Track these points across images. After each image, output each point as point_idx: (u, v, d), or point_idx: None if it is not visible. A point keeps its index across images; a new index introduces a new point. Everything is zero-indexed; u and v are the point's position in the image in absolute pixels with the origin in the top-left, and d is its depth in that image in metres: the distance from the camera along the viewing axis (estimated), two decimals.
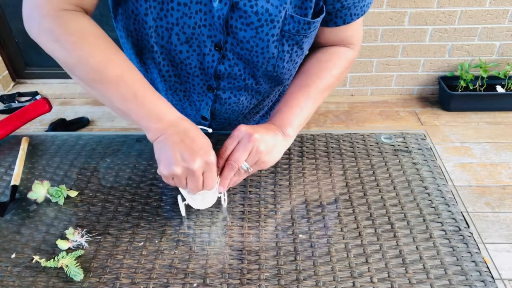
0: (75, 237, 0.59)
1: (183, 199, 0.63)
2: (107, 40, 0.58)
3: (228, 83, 0.72)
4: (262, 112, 0.92)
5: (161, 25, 0.63)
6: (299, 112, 0.68)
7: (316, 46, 0.74)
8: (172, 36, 0.64)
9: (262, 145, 0.60)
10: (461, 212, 0.63)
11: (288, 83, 0.80)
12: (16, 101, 2.64)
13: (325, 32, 0.71)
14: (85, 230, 0.61)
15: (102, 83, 0.56)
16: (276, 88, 0.81)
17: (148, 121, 0.56)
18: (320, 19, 0.65)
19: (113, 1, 0.67)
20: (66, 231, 0.60)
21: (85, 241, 0.59)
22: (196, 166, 0.54)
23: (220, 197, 0.65)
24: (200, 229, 0.62)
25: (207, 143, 0.57)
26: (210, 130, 0.65)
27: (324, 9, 0.64)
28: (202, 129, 0.63)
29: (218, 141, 0.79)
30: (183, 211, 0.63)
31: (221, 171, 0.61)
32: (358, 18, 0.68)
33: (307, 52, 0.74)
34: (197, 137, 0.56)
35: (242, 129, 0.61)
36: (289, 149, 0.77)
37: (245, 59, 0.66)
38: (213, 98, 0.75)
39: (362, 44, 2.42)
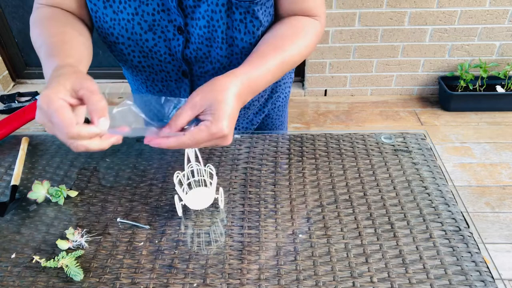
0: (75, 237, 0.59)
1: (180, 200, 0.63)
2: (63, 22, 0.65)
3: (199, 68, 0.72)
4: (254, 109, 0.91)
5: (123, 18, 0.65)
6: (268, 80, 0.63)
7: (279, 19, 0.72)
8: (135, 26, 0.65)
9: (228, 140, 0.56)
10: (461, 212, 0.63)
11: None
12: (16, 101, 2.64)
13: (282, 1, 0.69)
14: (85, 230, 0.61)
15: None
16: None
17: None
18: None
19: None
20: (66, 231, 0.60)
21: (85, 241, 0.59)
22: (75, 150, 0.52)
23: (217, 198, 0.65)
24: (200, 229, 0.62)
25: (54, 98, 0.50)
26: None
27: None
28: None
29: None
30: (179, 211, 0.63)
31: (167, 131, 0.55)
32: None
33: (268, 24, 0.71)
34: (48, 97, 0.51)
35: (224, 129, 0.53)
36: (289, 149, 0.77)
37: (205, 38, 0.67)
38: (189, 84, 0.76)
39: (362, 44, 2.42)
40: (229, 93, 0.54)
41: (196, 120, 0.55)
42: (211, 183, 0.63)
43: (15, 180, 0.70)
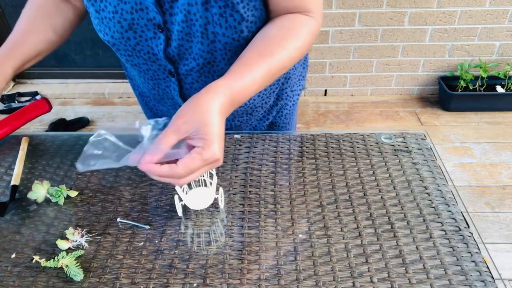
0: (75, 237, 0.59)
1: (180, 200, 0.63)
2: (37, 10, 0.74)
3: (184, 65, 0.71)
4: (257, 115, 0.89)
5: (105, 16, 0.65)
6: (254, 90, 0.60)
7: (272, 16, 0.69)
8: (116, 25, 0.65)
9: (220, 161, 0.55)
10: (461, 212, 0.63)
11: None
12: (16, 101, 2.65)
13: None
14: (85, 230, 0.61)
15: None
16: None
17: None
18: None
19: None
20: (66, 231, 0.60)
21: (85, 241, 0.59)
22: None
23: (217, 198, 0.65)
24: (200, 229, 0.62)
25: None
26: None
27: None
28: None
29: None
30: (180, 211, 0.63)
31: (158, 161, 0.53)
32: None
33: (255, 20, 0.67)
34: None
35: (216, 153, 0.52)
36: (289, 149, 0.77)
37: (185, 33, 0.66)
38: (177, 83, 0.75)
39: (362, 44, 2.42)
40: (213, 112, 0.52)
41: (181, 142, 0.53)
42: (211, 183, 0.63)
43: (15, 180, 0.70)
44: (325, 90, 2.67)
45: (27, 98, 2.70)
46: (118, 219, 0.63)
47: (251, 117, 0.88)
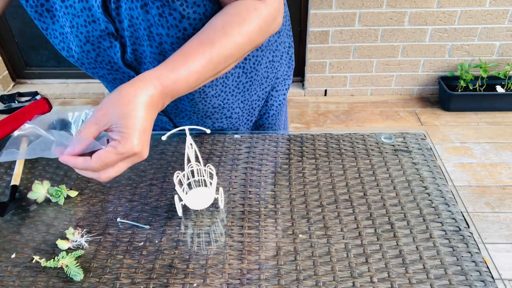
0: (75, 237, 0.59)
1: (180, 200, 0.63)
2: None
3: (144, 70, 0.71)
4: (241, 118, 0.87)
5: (66, 31, 0.65)
6: (193, 81, 0.57)
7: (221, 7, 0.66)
8: (74, 39, 0.65)
9: (143, 155, 0.53)
10: (461, 212, 0.63)
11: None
12: (16, 101, 2.65)
13: None
14: (85, 230, 0.61)
15: None
16: None
17: None
18: None
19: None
20: (66, 231, 0.60)
21: (85, 241, 0.59)
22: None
23: (217, 198, 0.65)
24: (200, 229, 0.62)
25: None
26: (208, 131, 0.62)
27: None
28: (200, 130, 0.63)
29: (217, 141, 0.79)
30: (179, 211, 0.63)
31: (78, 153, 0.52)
32: None
33: (199, 17, 0.64)
34: None
35: (134, 147, 0.50)
36: (289, 149, 0.77)
37: (135, 38, 0.65)
38: None
39: (362, 44, 2.42)
40: (137, 104, 0.50)
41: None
42: (211, 183, 0.63)
43: (15, 180, 0.70)
44: (325, 90, 2.67)
45: (27, 98, 2.70)
46: (118, 219, 0.63)
47: (231, 120, 0.86)
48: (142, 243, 0.59)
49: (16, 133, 0.53)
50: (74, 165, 0.51)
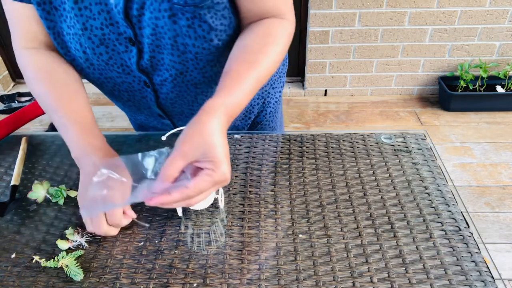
0: (75, 237, 0.59)
1: None
2: (58, 77, 0.68)
3: (158, 76, 0.71)
4: (239, 115, 0.88)
5: (75, 33, 0.64)
6: (246, 100, 0.61)
7: (245, 22, 0.69)
8: (86, 41, 0.65)
9: (229, 179, 0.56)
10: (461, 212, 0.63)
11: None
12: (16, 101, 2.65)
13: (242, 3, 0.65)
14: (85, 230, 0.61)
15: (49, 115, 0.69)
16: (213, 77, 0.76)
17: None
18: None
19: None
20: (66, 231, 0.60)
21: (85, 241, 0.59)
22: (89, 229, 0.60)
23: (217, 198, 0.65)
24: (200, 229, 0.62)
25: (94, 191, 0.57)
26: None
27: None
28: None
29: None
30: (179, 211, 0.63)
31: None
32: None
33: (224, 28, 0.67)
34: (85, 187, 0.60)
35: (226, 173, 0.53)
36: (289, 149, 0.77)
37: (156, 46, 0.66)
38: (153, 93, 0.75)
39: (362, 44, 2.42)
40: (216, 133, 0.53)
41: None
42: None
43: (15, 180, 0.70)
44: (325, 90, 2.67)
45: (27, 98, 2.70)
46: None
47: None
48: (142, 243, 0.59)
49: (95, 179, 0.56)
50: (171, 201, 0.53)
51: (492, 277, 0.54)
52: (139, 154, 0.61)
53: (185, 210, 0.64)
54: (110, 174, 0.58)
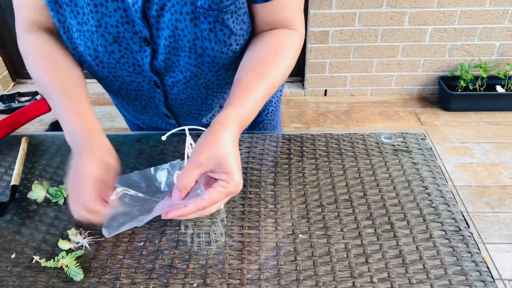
0: (77, 238, 0.59)
1: None
2: (56, 56, 0.67)
3: (170, 77, 0.71)
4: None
5: (87, 29, 0.64)
6: (257, 110, 0.63)
7: (257, 30, 0.70)
8: (99, 38, 0.64)
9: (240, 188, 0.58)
10: (461, 212, 0.63)
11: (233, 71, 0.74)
12: (16, 101, 2.65)
13: (258, 11, 0.66)
14: (88, 232, 0.61)
15: (45, 96, 0.67)
16: (226, 80, 0.77)
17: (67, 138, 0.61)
18: None
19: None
20: (69, 232, 0.60)
21: (87, 242, 0.59)
22: (76, 217, 0.56)
23: None
24: (200, 229, 0.62)
25: (88, 177, 0.55)
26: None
27: None
28: (200, 130, 0.63)
29: None
30: None
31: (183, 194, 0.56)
32: None
33: (242, 33, 0.67)
34: (79, 174, 0.56)
35: (239, 184, 0.55)
36: (289, 149, 0.77)
37: (172, 48, 0.65)
38: (163, 94, 0.75)
39: (362, 44, 2.42)
40: (229, 143, 0.55)
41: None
42: None
43: (15, 180, 0.70)
44: (325, 90, 2.67)
45: (27, 98, 2.70)
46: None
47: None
48: (142, 243, 0.60)
49: (112, 197, 0.57)
50: (189, 213, 0.54)
51: (492, 277, 0.54)
52: (152, 169, 0.63)
53: None
54: (125, 191, 0.59)
